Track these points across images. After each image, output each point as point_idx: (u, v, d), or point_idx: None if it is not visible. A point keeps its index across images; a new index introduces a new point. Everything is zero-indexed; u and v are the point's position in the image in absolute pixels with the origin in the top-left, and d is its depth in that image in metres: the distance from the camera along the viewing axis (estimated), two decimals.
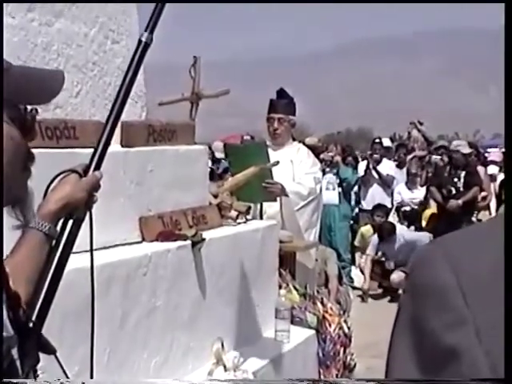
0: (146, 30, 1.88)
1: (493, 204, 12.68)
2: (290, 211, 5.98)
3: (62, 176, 1.77)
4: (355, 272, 11.37)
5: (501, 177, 12.63)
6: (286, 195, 5.88)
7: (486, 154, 14.41)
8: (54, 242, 1.71)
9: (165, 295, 3.70)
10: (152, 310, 3.62)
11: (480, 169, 12.20)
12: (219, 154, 13.22)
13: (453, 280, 0.77)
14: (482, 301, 0.74)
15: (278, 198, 5.86)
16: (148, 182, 3.94)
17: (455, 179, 10.91)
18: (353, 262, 11.61)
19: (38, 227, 1.67)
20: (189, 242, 3.89)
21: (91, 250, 1.88)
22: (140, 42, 1.87)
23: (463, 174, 10.94)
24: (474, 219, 11.34)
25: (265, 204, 5.86)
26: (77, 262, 2.18)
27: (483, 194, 11.98)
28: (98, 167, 1.83)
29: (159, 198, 4.04)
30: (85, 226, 1.83)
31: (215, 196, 4.68)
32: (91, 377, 1.88)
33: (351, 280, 11.03)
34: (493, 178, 12.93)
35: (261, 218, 5.71)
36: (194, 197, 4.35)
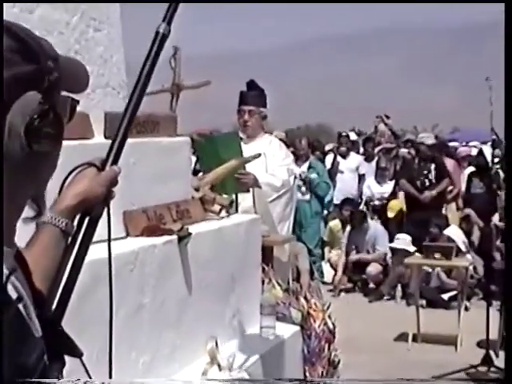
0: (163, 21, 1.76)
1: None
2: (264, 203, 5.93)
3: (79, 169, 1.66)
4: (325, 267, 11.34)
5: (468, 170, 12.64)
6: (259, 186, 5.82)
7: (459, 150, 14.43)
8: (70, 238, 1.60)
9: (152, 292, 3.59)
10: (139, 307, 3.50)
11: (447, 161, 12.22)
12: None
13: None
14: None
15: (251, 190, 5.79)
16: (131, 175, 3.81)
17: (425, 171, 10.93)
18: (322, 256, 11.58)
19: (55, 223, 1.56)
20: (175, 236, 3.79)
21: (109, 246, 1.77)
22: (157, 33, 1.76)
23: (433, 166, 10.97)
24: (443, 211, 11.38)
25: (239, 197, 5.78)
26: None
27: (450, 187, 12.01)
28: (115, 161, 1.71)
29: (143, 191, 3.92)
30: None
31: (197, 190, 4.57)
32: (110, 373, 1.77)
33: (322, 275, 11.01)
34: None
35: (236, 211, 5.62)
36: (178, 190, 4.24)
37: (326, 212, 12.13)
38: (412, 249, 9.83)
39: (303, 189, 10.58)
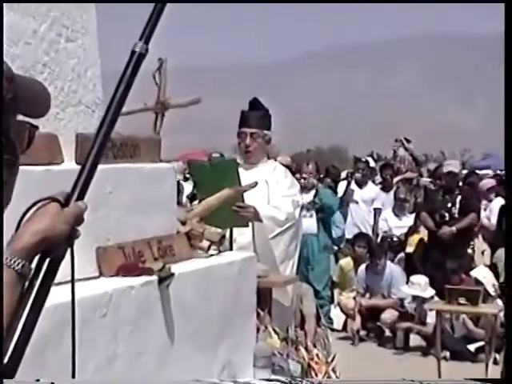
0: (140, 39, 1.77)
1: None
2: (264, 239, 5.91)
3: (39, 205, 1.65)
4: (334, 312, 11.27)
5: (498, 202, 12.60)
6: (260, 220, 5.81)
7: (483, 183, 14.41)
8: (27, 282, 1.59)
9: (127, 340, 3.58)
10: (112, 357, 3.49)
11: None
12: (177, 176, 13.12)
13: None
14: None
15: (251, 224, 5.78)
16: (106, 206, 3.82)
17: (449, 204, 10.90)
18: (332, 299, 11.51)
19: (9, 264, 1.55)
20: (155, 277, 3.79)
21: (72, 292, 1.80)
22: (133, 52, 1.76)
23: (459, 198, 10.94)
24: (469, 250, 11.36)
25: (235, 232, 5.77)
26: None
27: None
28: (81, 196, 1.71)
29: (119, 224, 3.93)
30: None
31: (183, 223, 4.57)
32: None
33: (330, 321, 10.94)
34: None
35: (231, 248, 5.61)
36: (160, 224, 4.26)
37: (336, 248, 12.10)
38: (428, 294, 9.74)
39: (309, 217, 10.53)
